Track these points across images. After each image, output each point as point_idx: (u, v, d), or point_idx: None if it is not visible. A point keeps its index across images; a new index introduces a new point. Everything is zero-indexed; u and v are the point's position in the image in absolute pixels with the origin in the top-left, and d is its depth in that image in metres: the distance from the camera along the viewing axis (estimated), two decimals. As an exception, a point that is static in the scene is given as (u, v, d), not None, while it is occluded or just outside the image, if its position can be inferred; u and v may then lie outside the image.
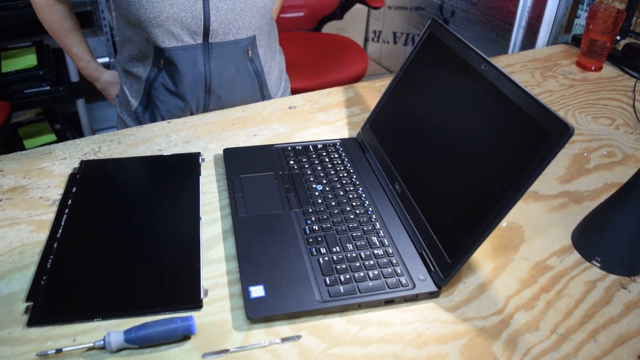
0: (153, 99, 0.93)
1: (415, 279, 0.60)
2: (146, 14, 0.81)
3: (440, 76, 0.71)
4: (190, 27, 0.84)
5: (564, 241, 0.69)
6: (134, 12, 0.82)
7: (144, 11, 0.81)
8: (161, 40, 0.85)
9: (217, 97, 0.95)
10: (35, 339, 0.52)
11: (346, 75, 1.69)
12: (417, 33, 2.25)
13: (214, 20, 0.85)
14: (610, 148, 0.89)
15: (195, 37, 0.86)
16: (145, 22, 0.82)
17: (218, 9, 0.84)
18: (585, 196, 0.77)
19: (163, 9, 0.81)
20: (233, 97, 0.96)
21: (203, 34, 0.86)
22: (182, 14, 0.82)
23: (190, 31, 0.85)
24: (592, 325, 0.57)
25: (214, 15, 0.84)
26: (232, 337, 0.53)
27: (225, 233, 0.67)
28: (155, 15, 0.81)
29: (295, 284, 0.58)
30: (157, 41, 0.85)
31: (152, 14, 0.81)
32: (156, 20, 0.82)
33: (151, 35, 0.84)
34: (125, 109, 0.99)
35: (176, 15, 0.82)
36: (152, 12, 0.81)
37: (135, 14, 0.82)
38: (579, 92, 1.06)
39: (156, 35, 0.84)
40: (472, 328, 0.56)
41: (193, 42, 0.86)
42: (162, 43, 0.85)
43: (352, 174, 0.76)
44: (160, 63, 0.88)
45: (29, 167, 0.77)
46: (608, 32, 1.09)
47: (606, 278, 0.63)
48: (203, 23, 0.84)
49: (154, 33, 0.84)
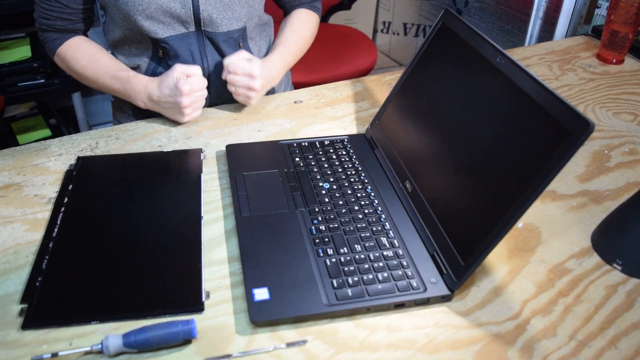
0: None
1: (426, 282, 0.59)
2: (135, 7, 0.82)
3: (453, 69, 0.69)
4: (180, 17, 0.86)
5: (583, 243, 0.67)
6: (122, 6, 0.83)
7: (132, 4, 0.82)
8: (154, 32, 0.86)
9: (216, 90, 0.93)
10: (30, 343, 0.52)
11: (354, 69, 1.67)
12: (428, 24, 2.22)
13: (204, 9, 0.86)
14: (633, 145, 0.87)
15: (187, 25, 0.87)
16: (135, 15, 0.83)
17: None
18: (606, 196, 0.75)
19: (152, 1, 0.82)
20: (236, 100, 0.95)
21: (194, 22, 0.87)
22: (170, 4, 0.84)
23: (181, 20, 0.86)
24: (613, 332, 0.56)
25: (202, 4, 0.85)
26: (235, 342, 0.53)
27: (228, 233, 0.66)
28: (144, 7, 0.83)
29: (301, 287, 0.57)
30: (151, 32, 0.86)
31: (141, 6, 0.82)
32: (145, 12, 0.83)
33: (144, 28, 0.85)
34: (121, 108, 0.97)
35: (165, 6, 0.83)
36: (141, 4, 0.82)
37: (123, 8, 0.83)
38: (600, 86, 1.05)
39: (149, 27, 0.85)
40: (487, 334, 0.55)
41: (186, 30, 0.87)
42: (155, 34, 0.86)
43: (360, 172, 0.75)
44: (159, 53, 0.89)
45: (23, 164, 0.76)
46: (630, 22, 1.07)
47: (628, 282, 0.62)
48: (192, 12, 0.86)
49: (146, 25, 0.85)
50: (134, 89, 0.85)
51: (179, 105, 0.82)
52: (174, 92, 0.81)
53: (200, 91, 0.84)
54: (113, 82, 0.87)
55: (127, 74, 0.86)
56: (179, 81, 0.81)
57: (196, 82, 0.83)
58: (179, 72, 0.82)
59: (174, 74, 0.82)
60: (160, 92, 0.83)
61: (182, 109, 0.82)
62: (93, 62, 0.88)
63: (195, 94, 0.83)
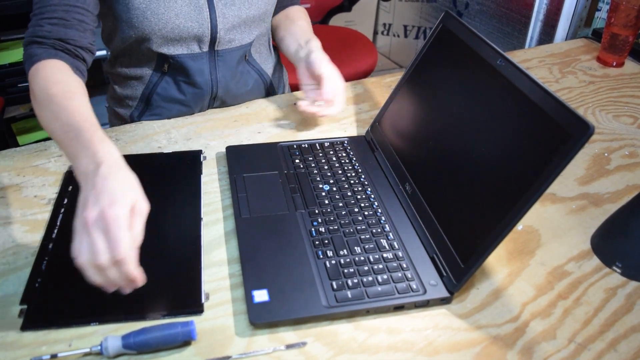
0: (153, 103, 0.91)
1: (426, 284, 0.58)
2: (150, 26, 0.78)
3: (454, 72, 0.69)
4: (197, 36, 0.83)
5: (582, 246, 0.67)
6: (137, 24, 0.78)
7: (148, 24, 0.78)
8: (167, 49, 0.83)
9: (221, 101, 0.93)
10: (30, 344, 0.52)
11: (354, 70, 1.67)
12: (429, 26, 2.22)
13: (222, 27, 0.83)
14: (632, 148, 0.87)
15: (202, 45, 0.84)
16: (150, 34, 0.80)
17: (225, 15, 0.83)
18: (606, 198, 0.75)
19: (169, 20, 0.79)
20: (239, 100, 0.95)
21: (210, 42, 0.84)
22: (188, 23, 0.80)
23: (198, 39, 0.83)
24: (612, 335, 0.55)
25: (220, 22, 0.83)
26: (235, 343, 0.52)
27: (227, 235, 0.66)
28: (161, 27, 0.79)
29: (301, 289, 0.57)
30: (163, 50, 0.83)
31: (157, 26, 0.79)
32: (161, 32, 0.80)
33: (156, 46, 0.82)
34: (116, 114, 0.95)
35: (182, 25, 0.80)
36: (157, 24, 0.78)
37: (138, 26, 0.79)
38: (600, 89, 1.04)
39: (161, 45, 0.82)
40: (486, 336, 0.55)
41: (199, 50, 0.85)
42: (168, 51, 0.83)
43: (360, 174, 0.75)
44: (164, 67, 0.86)
45: (23, 165, 0.76)
46: (630, 25, 1.07)
47: (627, 285, 0.62)
48: (210, 31, 0.83)
49: (158, 43, 0.82)
50: (88, 148, 0.53)
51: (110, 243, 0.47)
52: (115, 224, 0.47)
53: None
54: (66, 128, 0.57)
55: (93, 132, 0.56)
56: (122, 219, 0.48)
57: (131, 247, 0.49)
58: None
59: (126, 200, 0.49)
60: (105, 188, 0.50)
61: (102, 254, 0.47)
62: (63, 95, 0.61)
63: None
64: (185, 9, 0.80)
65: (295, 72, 0.89)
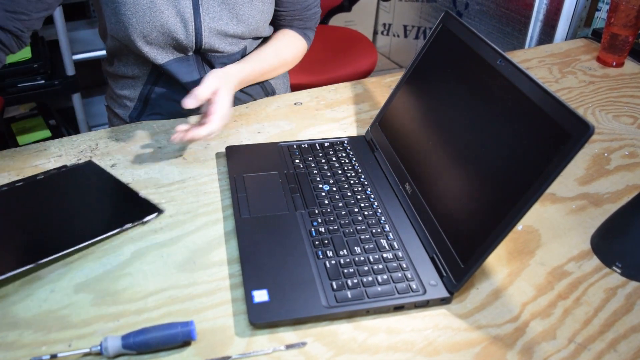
0: (152, 103, 0.90)
1: (426, 284, 0.58)
2: (135, 33, 0.80)
3: (454, 72, 0.69)
4: (182, 45, 0.83)
5: (582, 246, 0.67)
6: (122, 31, 0.80)
7: (132, 30, 0.79)
8: (153, 57, 0.83)
9: None
10: (30, 344, 0.51)
11: (354, 70, 1.67)
12: (429, 26, 2.22)
13: (207, 41, 0.83)
14: (632, 148, 0.87)
15: (186, 52, 0.85)
16: (135, 40, 0.81)
17: (211, 29, 0.83)
18: (606, 198, 0.75)
19: (153, 29, 0.80)
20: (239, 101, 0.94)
21: (195, 49, 0.85)
22: (172, 34, 0.81)
23: (182, 47, 0.84)
24: (612, 335, 0.55)
25: (206, 36, 0.83)
26: (235, 344, 0.52)
27: (227, 235, 0.65)
28: (145, 34, 0.80)
29: (301, 289, 0.57)
30: (150, 57, 0.83)
31: (142, 33, 0.80)
32: (146, 39, 0.81)
33: (143, 52, 0.83)
34: (115, 114, 0.95)
35: (167, 34, 0.81)
36: (142, 31, 0.80)
37: (124, 32, 0.80)
38: (600, 89, 1.04)
39: (148, 52, 0.83)
40: (486, 336, 0.55)
41: (185, 55, 0.85)
42: (154, 59, 0.84)
43: (360, 174, 0.75)
44: (160, 68, 0.86)
45: (23, 165, 0.76)
46: (630, 25, 1.07)
47: (627, 285, 0.61)
48: (195, 40, 0.83)
49: (145, 50, 0.82)
50: None
51: None
52: None
53: None
54: None
55: None
56: None
57: None
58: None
59: None
60: None
61: None
62: None
63: None
64: (172, 20, 0.80)
65: (295, 72, 0.88)
